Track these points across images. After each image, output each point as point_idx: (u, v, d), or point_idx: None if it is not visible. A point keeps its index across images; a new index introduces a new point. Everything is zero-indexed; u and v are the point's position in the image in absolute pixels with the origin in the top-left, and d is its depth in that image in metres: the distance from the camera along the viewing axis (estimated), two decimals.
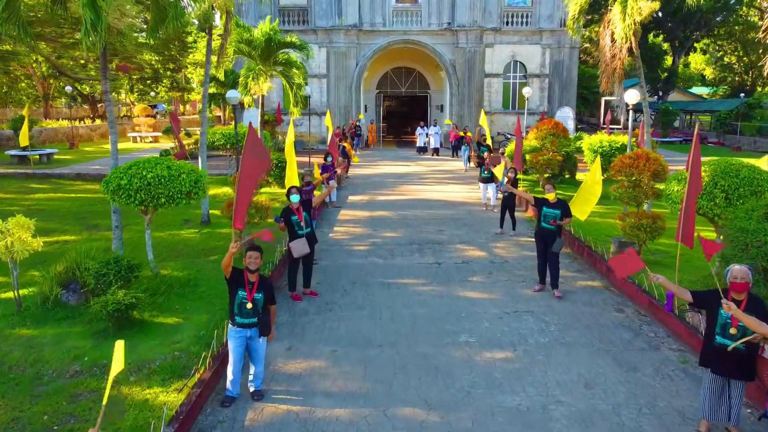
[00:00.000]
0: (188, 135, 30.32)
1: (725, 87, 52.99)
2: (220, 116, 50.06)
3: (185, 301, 8.28)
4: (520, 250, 11.85)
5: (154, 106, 56.52)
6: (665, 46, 48.61)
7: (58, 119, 46.14)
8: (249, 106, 18.20)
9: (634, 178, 9.82)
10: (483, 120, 20.39)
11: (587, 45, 46.33)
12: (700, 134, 30.51)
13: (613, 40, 14.06)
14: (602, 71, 14.54)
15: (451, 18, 30.39)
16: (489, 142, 19.33)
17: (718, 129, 37.88)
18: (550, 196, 9.03)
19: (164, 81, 59.74)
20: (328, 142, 18.98)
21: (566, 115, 29.12)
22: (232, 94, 11.24)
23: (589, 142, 19.22)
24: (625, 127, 31.90)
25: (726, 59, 52.27)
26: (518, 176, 13.39)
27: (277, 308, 8.54)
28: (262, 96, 18.31)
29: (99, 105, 62.54)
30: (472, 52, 30.60)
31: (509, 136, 30.20)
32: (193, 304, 8.23)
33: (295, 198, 8.85)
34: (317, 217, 13.27)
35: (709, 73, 55.40)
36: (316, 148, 30.20)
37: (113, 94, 66.48)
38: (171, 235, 12.96)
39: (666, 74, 46.15)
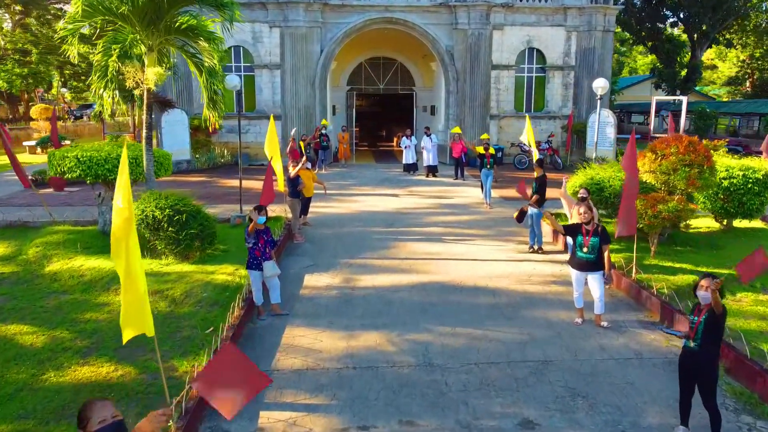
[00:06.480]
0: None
1: (746, 86, 46.59)
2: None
3: None
4: None
5: (88, 106, 48.02)
6: (683, 37, 41.82)
7: None
8: (98, 108, 9.78)
9: None
10: (528, 131, 12.45)
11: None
12: (741, 142, 24.48)
13: None
14: None
15: None
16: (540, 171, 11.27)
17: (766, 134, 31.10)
18: None
19: None
20: (268, 175, 11.06)
21: (605, 121, 21.54)
22: None
23: None
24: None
25: (744, 54, 45.72)
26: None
27: None
28: (148, 90, 10.04)
29: (20, 104, 52.84)
30: (475, 36, 22.79)
31: (525, 148, 22.46)
32: None
33: None
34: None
35: (724, 68, 48.75)
36: (267, 164, 21.87)
37: (42, 90, 56.56)
38: None
39: (686, 71, 39.24)
